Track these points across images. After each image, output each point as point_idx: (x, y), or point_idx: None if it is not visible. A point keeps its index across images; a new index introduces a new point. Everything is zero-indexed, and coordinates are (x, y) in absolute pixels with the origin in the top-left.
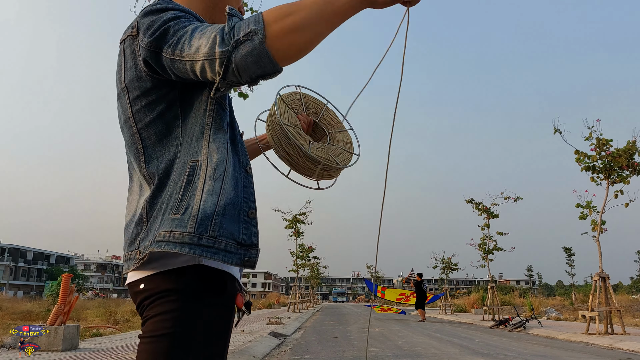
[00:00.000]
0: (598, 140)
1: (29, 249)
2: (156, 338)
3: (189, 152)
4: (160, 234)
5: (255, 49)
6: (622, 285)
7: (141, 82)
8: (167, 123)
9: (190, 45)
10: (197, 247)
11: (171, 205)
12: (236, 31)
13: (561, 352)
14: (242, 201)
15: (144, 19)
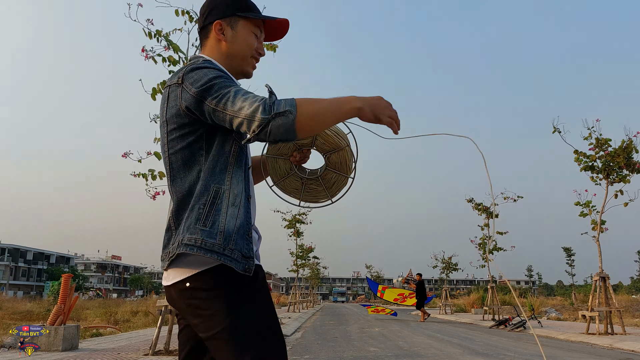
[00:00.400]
0: (597, 140)
1: (29, 249)
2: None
3: (213, 179)
4: (192, 239)
5: (288, 123)
6: (622, 285)
7: (179, 118)
8: (193, 152)
9: (233, 103)
10: (222, 255)
11: (197, 217)
12: (276, 106)
13: (561, 352)
14: (247, 223)
15: (191, 73)
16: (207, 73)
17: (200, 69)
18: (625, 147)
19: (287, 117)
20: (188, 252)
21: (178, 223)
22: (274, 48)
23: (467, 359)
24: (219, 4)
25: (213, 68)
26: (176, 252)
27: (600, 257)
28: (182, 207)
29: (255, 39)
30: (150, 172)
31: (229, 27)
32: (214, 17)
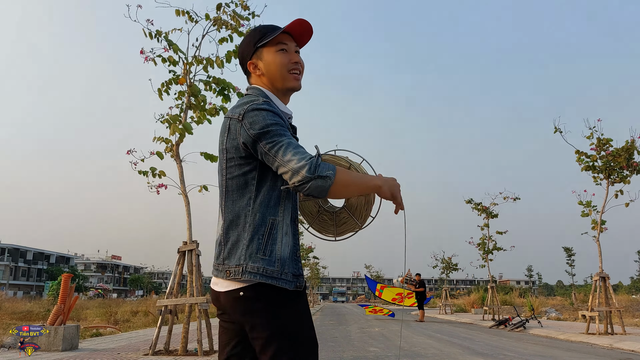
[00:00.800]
0: (599, 140)
1: (29, 249)
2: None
3: (268, 211)
4: (254, 267)
5: (324, 186)
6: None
7: (237, 150)
8: (247, 181)
9: (284, 154)
10: (279, 280)
11: (257, 247)
12: (320, 170)
13: (561, 352)
14: (295, 247)
15: (251, 113)
16: (265, 117)
17: (260, 110)
18: (628, 148)
19: (325, 181)
20: (252, 279)
21: (226, 240)
22: None
23: (467, 359)
24: (244, 49)
25: (272, 111)
26: (241, 277)
27: (600, 257)
28: (232, 227)
29: (285, 54)
30: (152, 170)
31: (258, 61)
32: (246, 61)
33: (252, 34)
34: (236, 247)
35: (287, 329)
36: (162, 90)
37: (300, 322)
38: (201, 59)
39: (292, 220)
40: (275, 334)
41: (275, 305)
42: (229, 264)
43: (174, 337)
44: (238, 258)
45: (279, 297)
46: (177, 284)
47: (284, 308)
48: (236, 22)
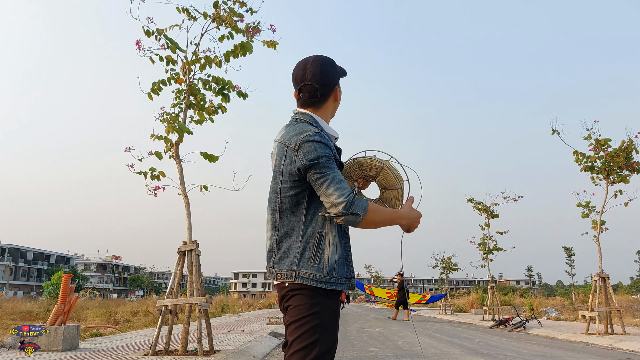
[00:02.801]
0: (596, 141)
1: (29, 249)
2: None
3: (317, 226)
4: (306, 273)
5: (355, 221)
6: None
7: (291, 175)
8: (298, 200)
9: (327, 188)
10: (328, 284)
11: (308, 257)
12: (354, 207)
13: (561, 352)
14: (345, 253)
15: (307, 144)
16: (317, 149)
17: (313, 142)
18: (626, 148)
19: (356, 218)
20: (304, 283)
21: (278, 247)
22: (274, 45)
23: (467, 359)
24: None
25: (324, 143)
26: (294, 280)
27: (600, 257)
28: (285, 237)
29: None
30: (151, 171)
31: (338, 88)
32: (333, 87)
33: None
34: (288, 254)
35: (320, 317)
36: (154, 89)
37: (332, 317)
38: (200, 58)
39: (342, 231)
40: (301, 320)
41: (309, 296)
42: (279, 268)
43: (174, 337)
44: (290, 264)
45: (314, 291)
46: (177, 284)
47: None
48: (232, 19)
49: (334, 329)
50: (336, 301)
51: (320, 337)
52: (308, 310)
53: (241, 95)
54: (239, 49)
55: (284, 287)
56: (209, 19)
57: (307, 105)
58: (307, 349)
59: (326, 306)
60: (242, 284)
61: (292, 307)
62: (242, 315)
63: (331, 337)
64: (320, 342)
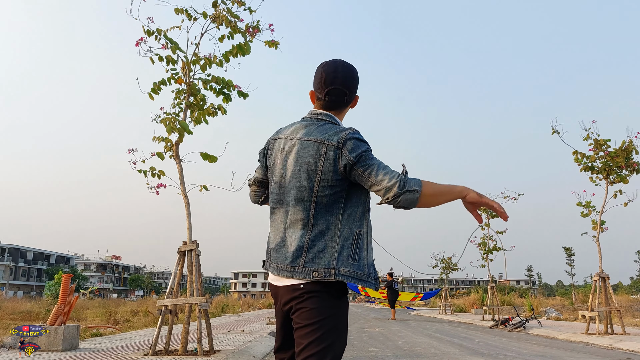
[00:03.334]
0: (596, 141)
1: (29, 249)
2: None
3: (355, 224)
4: (347, 271)
5: (413, 198)
6: (622, 285)
7: (334, 174)
8: (335, 199)
9: (376, 175)
10: (365, 282)
11: (347, 254)
12: (408, 184)
13: (561, 352)
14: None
15: (350, 142)
16: (360, 145)
17: (355, 139)
18: (626, 148)
19: (414, 194)
20: (343, 280)
21: (311, 247)
22: (276, 45)
23: (467, 359)
24: (354, 82)
25: (364, 141)
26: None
27: (600, 257)
28: (320, 236)
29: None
30: (152, 170)
31: (358, 96)
32: (354, 92)
33: (357, 75)
34: (324, 253)
35: (336, 320)
36: (155, 89)
37: (345, 319)
38: (200, 58)
39: (371, 234)
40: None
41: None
42: (312, 266)
43: (174, 337)
44: (327, 262)
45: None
46: (177, 284)
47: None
48: (230, 20)
49: (346, 331)
50: (347, 303)
51: (336, 340)
52: (326, 313)
53: (241, 95)
54: (237, 49)
55: (300, 288)
56: (209, 19)
57: (331, 108)
58: (324, 352)
59: (341, 309)
60: (242, 284)
61: (307, 309)
62: (242, 315)
63: (344, 340)
64: (336, 345)
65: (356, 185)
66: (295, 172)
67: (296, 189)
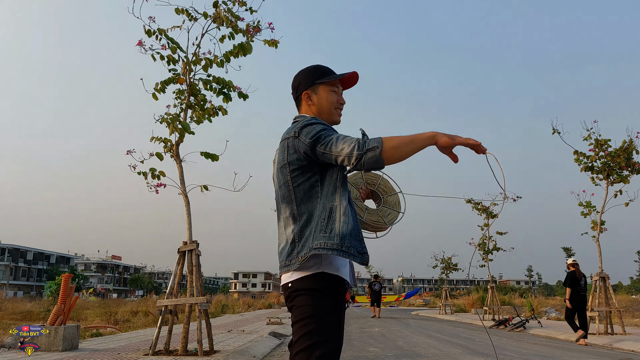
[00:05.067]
0: (596, 141)
1: (29, 249)
2: (308, 318)
3: (327, 200)
4: (317, 244)
5: (376, 155)
6: (622, 285)
7: (300, 161)
8: (312, 184)
9: (336, 146)
10: (340, 252)
11: (320, 229)
12: (367, 144)
13: (561, 352)
14: (357, 229)
15: (305, 128)
16: (315, 127)
17: (310, 125)
18: (626, 148)
19: (374, 151)
20: (317, 253)
21: (301, 237)
22: (276, 44)
23: (467, 359)
24: (303, 79)
25: (320, 123)
26: (308, 254)
27: (600, 257)
28: (306, 226)
29: (335, 94)
30: (152, 171)
31: (313, 94)
32: (302, 90)
33: (312, 70)
34: (309, 238)
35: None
36: (157, 89)
37: (336, 317)
38: (201, 58)
39: (349, 206)
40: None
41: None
42: (300, 254)
43: (174, 337)
44: (310, 246)
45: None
46: (177, 284)
47: (320, 299)
48: (231, 19)
49: (338, 329)
50: (340, 301)
51: (325, 338)
52: (312, 310)
53: (242, 96)
54: (239, 49)
55: (288, 287)
56: (209, 19)
57: (297, 108)
58: (311, 348)
59: (330, 306)
60: (242, 284)
61: (296, 307)
62: (242, 315)
63: (336, 338)
64: (325, 343)
65: (325, 165)
66: (276, 174)
67: (280, 189)
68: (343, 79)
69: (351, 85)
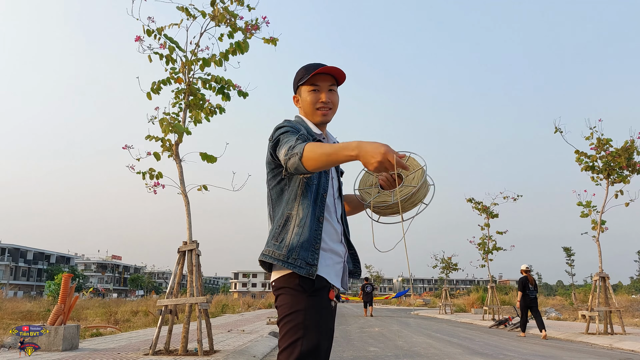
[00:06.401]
0: (598, 140)
1: (29, 249)
2: (286, 317)
3: (287, 207)
4: (267, 250)
5: (295, 161)
6: (622, 285)
7: (271, 164)
8: (282, 188)
9: (280, 151)
10: (285, 263)
11: (273, 235)
12: (291, 151)
13: (561, 352)
14: (312, 239)
15: (273, 132)
16: (279, 130)
17: (278, 128)
18: (628, 148)
19: (295, 157)
20: (263, 260)
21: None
22: (275, 42)
23: (467, 359)
24: (293, 84)
25: (286, 125)
26: (259, 259)
27: (600, 257)
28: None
29: (315, 93)
30: (150, 172)
31: (298, 96)
32: (293, 95)
33: (297, 73)
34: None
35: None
36: (153, 89)
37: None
38: (199, 58)
39: (309, 215)
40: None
41: (291, 294)
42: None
43: (174, 337)
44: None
45: (294, 289)
46: (177, 283)
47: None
48: (229, 18)
49: (317, 327)
50: (320, 299)
51: (303, 336)
52: (289, 309)
53: (241, 95)
54: (235, 47)
55: (273, 286)
56: (208, 18)
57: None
58: (290, 347)
59: (309, 304)
60: (242, 283)
61: (278, 306)
62: (242, 315)
63: (315, 336)
64: (303, 341)
65: None
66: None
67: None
68: (328, 72)
69: (340, 77)
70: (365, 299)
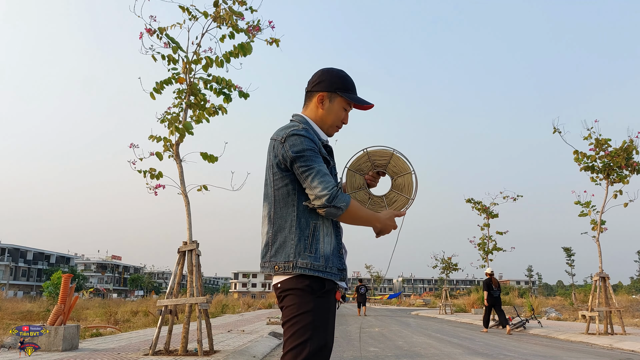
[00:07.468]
0: (597, 140)
1: (29, 249)
2: (295, 318)
3: (311, 217)
4: (304, 263)
5: (337, 213)
6: (622, 285)
7: (279, 167)
8: (289, 191)
9: (312, 180)
10: (325, 273)
11: (304, 247)
12: (337, 200)
13: (561, 352)
14: (338, 245)
15: (292, 138)
16: (302, 142)
17: (299, 136)
18: (626, 148)
19: (338, 210)
20: (303, 273)
21: (274, 241)
22: (277, 42)
23: (467, 359)
24: (326, 79)
25: (309, 138)
26: (292, 272)
27: (600, 257)
28: (280, 230)
29: (344, 112)
30: (151, 171)
31: (327, 100)
32: (320, 89)
33: (339, 77)
34: (284, 246)
35: (311, 316)
36: (158, 89)
37: (323, 316)
38: (201, 58)
39: (333, 223)
40: (293, 319)
41: (299, 295)
42: (276, 260)
43: (174, 337)
44: (287, 255)
45: (302, 290)
46: (177, 284)
47: (304, 298)
48: (233, 17)
49: (326, 328)
50: (328, 300)
51: (312, 336)
52: (298, 309)
53: (242, 95)
54: (239, 49)
55: (278, 287)
56: (210, 19)
57: (303, 106)
58: (298, 348)
59: (317, 305)
60: (242, 284)
61: (285, 307)
62: (242, 315)
63: (323, 336)
64: (311, 341)
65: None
66: (265, 171)
67: (265, 186)
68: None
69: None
70: (359, 300)
